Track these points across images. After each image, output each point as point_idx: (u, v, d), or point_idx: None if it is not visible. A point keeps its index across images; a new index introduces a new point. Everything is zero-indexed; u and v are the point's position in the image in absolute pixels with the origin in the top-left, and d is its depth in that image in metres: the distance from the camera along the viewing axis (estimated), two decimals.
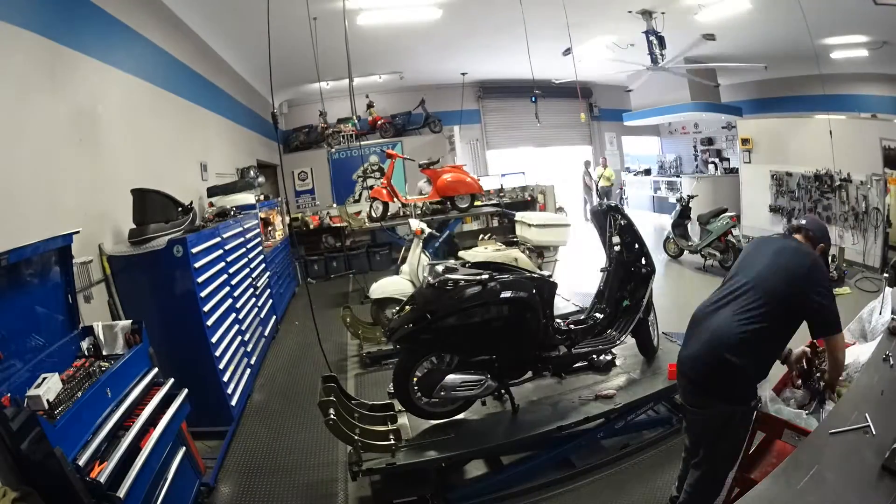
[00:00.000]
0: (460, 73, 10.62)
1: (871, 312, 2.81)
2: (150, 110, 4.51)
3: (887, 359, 1.96)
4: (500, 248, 5.77)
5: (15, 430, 1.68)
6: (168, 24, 5.05)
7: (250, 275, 4.81)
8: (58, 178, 2.98)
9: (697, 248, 7.42)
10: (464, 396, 2.91)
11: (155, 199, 3.66)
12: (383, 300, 5.07)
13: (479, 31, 7.50)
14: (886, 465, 1.32)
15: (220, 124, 6.71)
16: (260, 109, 9.02)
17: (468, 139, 11.85)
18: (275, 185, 9.68)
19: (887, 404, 1.66)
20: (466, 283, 2.83)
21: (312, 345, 4.36)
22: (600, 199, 11.28)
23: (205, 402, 3.19)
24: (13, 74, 2.68)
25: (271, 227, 6.91)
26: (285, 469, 3.28)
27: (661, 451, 3.16)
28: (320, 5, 5.47)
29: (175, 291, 3.38)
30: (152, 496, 2.25)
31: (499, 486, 2.91)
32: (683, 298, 6.46)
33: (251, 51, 6.85)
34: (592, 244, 4.25)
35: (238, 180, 6.04)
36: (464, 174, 7.19)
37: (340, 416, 2.73)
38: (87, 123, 3.39)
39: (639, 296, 3.56)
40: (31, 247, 2.13)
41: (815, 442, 1.54)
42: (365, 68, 8.78)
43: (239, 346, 4.11)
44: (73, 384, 2.10)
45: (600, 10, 6.70)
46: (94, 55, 3.54)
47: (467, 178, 7.20)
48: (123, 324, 2.58)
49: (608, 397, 3.20)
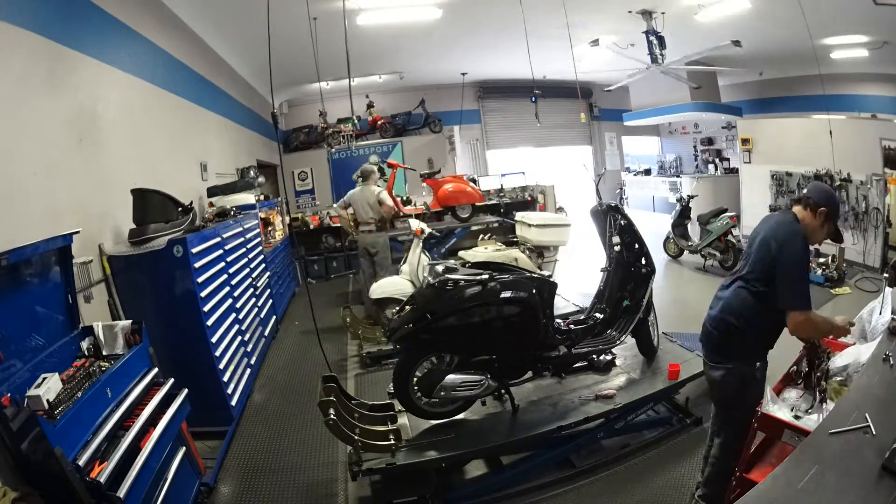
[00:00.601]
0: (460, 73, 10.60)
1: (871, 312, 2.80)
2: (150, 110, 4.51)
3: (887, 359, 1.96)
4: (500, 248, 5.77)
5: (15, 430, 1.68)
6: (168, 24, 5.05)
7: (250, 275, 4.81)
8: (58, 178, 2.97)
9: (697, 248, 7.42)
10: (464, 396, 2.91)
11: (155, 199, 3.66)
12: (383, 300, 5.08)
13: (479, 31, 7.49)
14: (886, 465, 1.32)
15: (220, 124, 6.71)
16: (260, 109, 9.02)
17: (468, 139, 11.83)
18: (275, 185, 9.67)
19: (887, 404, 1.66)
20: (466, 283, 2.83)
21: (312, 345, 4.37)
22: (600, 199, 11.26)
23: (205, 402, 3.18)
24: (13, 74, 2.67)
25: (271, 227, 6.91)
26: (285, 469, 3.28)
27: (661, 451, 3.17)
28: (320, 5, 5.47)
29: (175, 291, 3.38)
30: (152, 496, 2.25)
31: (499, 486, 2.92)
32: (683, 298, 6.47)
33: (251, 51, 6.84)
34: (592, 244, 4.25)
35: (238, 180, 6.04)
36: (464, 184, 7.22)
37: (340, 416, 2.73)
38: (87, 123, 3.39)
39: (639, 296, 3.57)
40: (31, 247, 2.13)
41: (815, 442, 1.54)
42: (365, 68, 8.77)
43: (239, 346, 4.11)
44: (73, 384, 2.10)
45: (600, 10, 6.70)
46: (94, 55, 3.54)
47: (468, 187, 7.23)
48: (123, 324, 2.58)
49: (608, 397, 3.20)
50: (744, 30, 6.80)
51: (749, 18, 6.56)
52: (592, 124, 12.90)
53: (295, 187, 11.07)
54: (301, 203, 10.83)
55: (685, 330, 4.23)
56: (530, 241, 5.96)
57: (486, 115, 12.13)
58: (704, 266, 7.44)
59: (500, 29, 7.18)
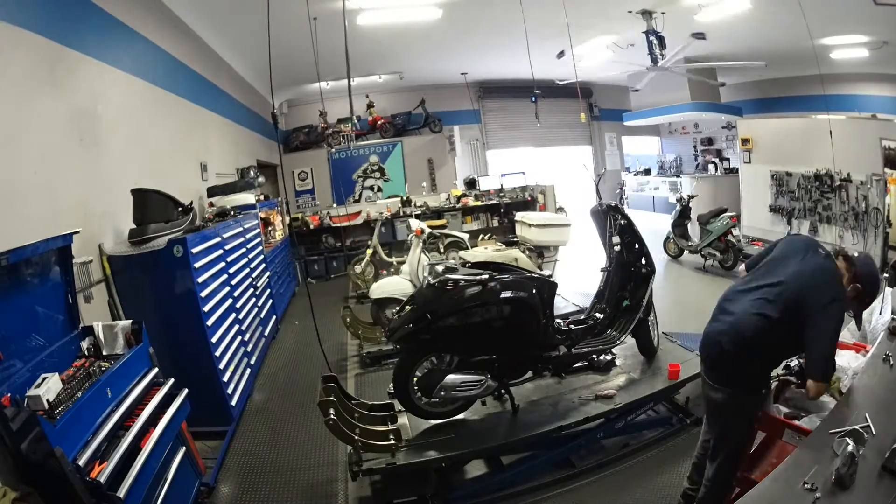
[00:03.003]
0: (460, 73, 10.61)
1: (871, 312, 2.81)
2: (150, 110, 4.51)
3: (887, 359, 1.96)
4: (500, 248, 5.77)
5: (15, 430, 1.68)
6: (168, 24, 5.05)
7: (250, 275, 4.81)
8: (58, 178, 2.97)
9: (697, 248, 7.42)
10: (464, 396, 2.91)
11: (155, 199, 3.66)
12: (383, 300, 5.08)
13: (479, 31, 7.50)
14: (886, 465, 1.32)
15: (221, 124, 6.71)
16: (260, 109, 9.02)
17: (468, 139, 11.83)
18: (275, 185, 9.67)
19: (887, 404, 1.66)
20: (466, 283, 2.83)
21: (312, 345, 4.36)
22: (600, 199, 11.25)
23: (205, 402, 3.18)
24: (13, 74, 2.67)
25: (271, 227, 6.91)
26: (285, 469, 3.28)
27: (661, 451, 3.17)
28: (320, 5, 5.47)
29: (175, 291, 3.38)
30: (152, 496, 2.24)
31: (499, 486, 2.91)
32: (683, 298, 6.47)
33: (251, 51, 6.84)
34: (592, 244, 4.25)
35: (238, 180, 6.04)
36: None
37: (340, 416, 2.73)
38: (87, 123, 3.39)
39: (639, 296, 3.57)
40: (31, 247, 2.13)
41: (815, 442, 1.54)
42: (365, 68, 8.77)
43: (239, 346, 4.11)
44: (73, 384, 2.09)
45: (600, 9, 6.70)
46: (94, 55, 3.54)
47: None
48: (123, 324, 2.58)
49: (608, 397, 3.20)
50: (744, 30, 6.81)
51: (749, 18, 6.56)
52: (592, 124, 12.90)
53: (295, 187, 11.07)
54: (301, 203, 10.83)
55: (685, 330, 4.23)
56: (530, 241, 5.97)
57: (486, 115, 12.13)
58: (704, 266, 7.44)
59: (499, 29, 7.18)
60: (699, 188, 9.84)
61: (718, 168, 11.42)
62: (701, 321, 2.44)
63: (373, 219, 8.73)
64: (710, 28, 6.91)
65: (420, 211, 9.16)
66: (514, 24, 6.32)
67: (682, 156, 12.76)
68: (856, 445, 1.36)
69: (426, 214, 9.09)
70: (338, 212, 9.30)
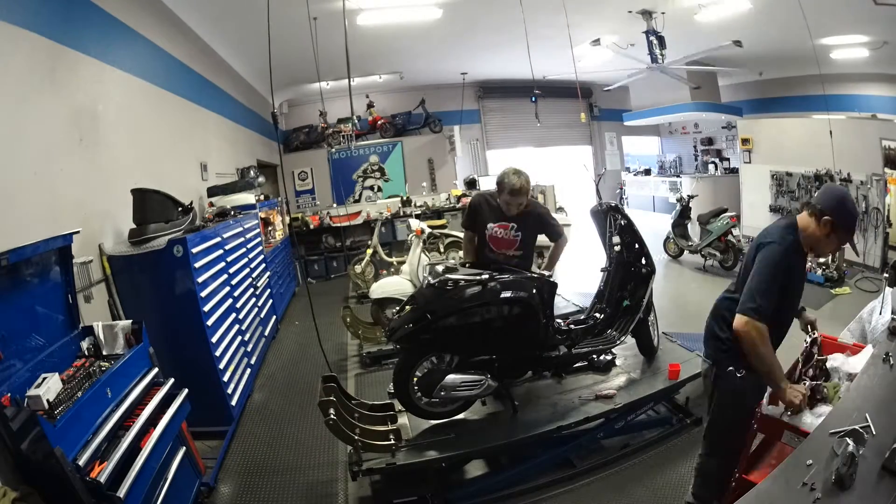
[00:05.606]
0: (460, 73, 10.60)
1: (871, 312, 2.81)
2: (150, 110, 4.51)
3: (887, 359, 1.96)
4: None
5: (15, 430, 1.68)
6: (168, 24, 5.05)
7: (250, 275, 4.81)
8: (58, 178, 2.97)
9: (697, 248, 7.42)
10: (464, 396, 2.91)
11: (155, 199, 3.66)
12: (383, 300, 5.08)
13: (479, 31, 7.49)
14: (886, 465, 1.32)
15: (221, 124, 6.71)
16: (260, 109, 9.01)
17: (468, 139, 11.83)
18: (275, 185, 9.67)
19: (887, 404, 1.66)
20: (466, 283, 2.83)
21: (312, 345, 4.37)
22: (600, 199, 11.25)
23: (205, 402, 3.18)
24: (13, 74, 2.67)
25: (271, 227, 6.91)
26: (285, 469, 3.28)
27: (661, 451, 3.16)
28: (320, 5, 5.46)
29: (175, 291, 3.38)
30: (152, 496, 2.25)
31: (499, 486, 2.91)
32: (683, 298, 6.47)
33: (251, 51, 6.84)
34: (592, 244, 4.25)
35: (238, 180, 6.04)
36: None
37: (340, 416, 2.73)
38: (87, 123, 3.39)
39: (639, 296, 3.57)
40: (31, 247, 2.13)
41: (815, 442, 1.54)
42: (365, 68, 8.77)
43: (239, 346, 4.11)
44: (73, 384, 2.09)
45: (600, 10, 6.70)
46: (94, 55, 3.54)
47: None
48: (123, 324, 2.58)
49: (608, 397, 3.20)
50: (744, 30, 6.80)
51: (749, 18, 6.56)
52: (592, 124, 12.90)
53: (295, 187, 11.07)
54: (301, 203, 10.83)
55: (685, 330, 4.23)
56: None
57: (485, 115, 12.12)
58: (704, 266, 7.44)
59: (499, 29, 7.18)
60: (699, 188, 9.84)
61: (718, 168, 11.42)
62: (701, 321, 2.47)
63: (373, 219, 8.74)
64: (710, 28, 6.91)
65: (420, 211, 9.16)
66: (514, 24, 6.32)
67: (682, 156, 12.76)
68: (856, 445, 1.36)
69: (426, 214, 9.09)
70: (338, 212, 9.30)
